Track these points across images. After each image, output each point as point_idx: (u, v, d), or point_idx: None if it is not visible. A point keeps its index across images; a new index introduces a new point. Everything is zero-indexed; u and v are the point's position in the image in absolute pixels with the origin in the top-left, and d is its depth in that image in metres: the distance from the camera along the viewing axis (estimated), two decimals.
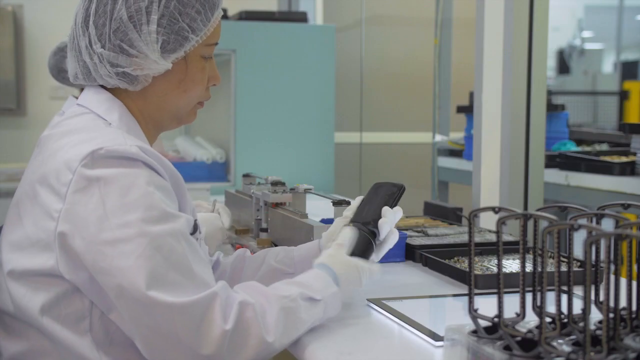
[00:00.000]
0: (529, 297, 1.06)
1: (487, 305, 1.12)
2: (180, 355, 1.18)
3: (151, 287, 1.16)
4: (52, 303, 1.24)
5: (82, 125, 1.33)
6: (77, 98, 1.54)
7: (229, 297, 1.24)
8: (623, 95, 7.00)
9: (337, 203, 1.86)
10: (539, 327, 1.00)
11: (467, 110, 3.81)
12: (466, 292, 1.19)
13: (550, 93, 3.72)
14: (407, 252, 1.94)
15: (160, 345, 1.19)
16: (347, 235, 1.48)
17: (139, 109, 1.40)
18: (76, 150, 1.25)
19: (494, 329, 1.07)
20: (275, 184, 2.15)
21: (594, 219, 1.12)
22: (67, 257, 1.21)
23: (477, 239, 2.04)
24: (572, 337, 1.04)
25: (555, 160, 3.16)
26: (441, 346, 1.24)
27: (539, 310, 1.01)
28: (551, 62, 9.43)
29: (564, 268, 1.12)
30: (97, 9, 1.33)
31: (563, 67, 9.48)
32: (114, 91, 1.39)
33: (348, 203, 1.85)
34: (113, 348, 1.26)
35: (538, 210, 1.09)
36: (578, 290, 1.07)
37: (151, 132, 1.44)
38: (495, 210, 1.09)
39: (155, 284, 1.17)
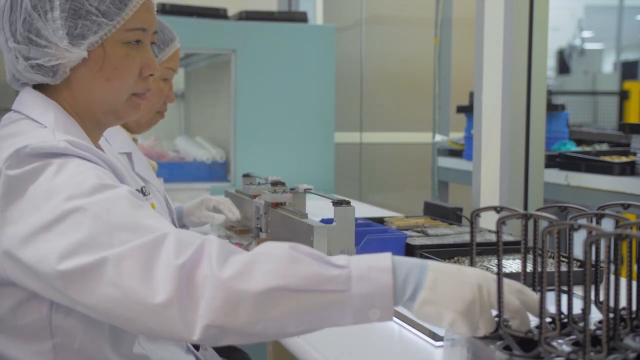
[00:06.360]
0: None
1: None
2: (132, 312, 1.04)
3: (81, 253, 1.05)
4: (8, 315, 1.17)
5: (14, 132, 1.24)
6: None
7: (201, 242, 1.06)
8: (623, 95, 7.00)
9: (337, 203, 1.86)
10: (539, 327, 1.01)
11: (467, 110, 3.81)
12: None
13: (550, 93, 3.72)
14: (407, 252, 1.94)
15: (117, 310, 1.05)
16: None
17: (71, 106, 1.31)
18: (2, 154, 1.16)
19: (494, 329, 1.07)
20: (275, 184, 2.15)
21: (594, 219, 1.12)
22: (13, 263, 1.12)
23: (478, 239, 2.03)
24: (572, 337, 1.05)
25: (555, 160, 3.16)
26: (441, 346, 1.24)
27: (539, 310, 1.01)
28: (551, 62, 9.43)
29: (564, 268, 1.12)
30: (12, 5, 1.28)
31: (563, 67, 9.48)
32: (47, 91, 1.31)
33: (348, 203, 1.85)
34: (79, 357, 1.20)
35: (538, 210, 1.09)
36: (578, 290, 1.07)
37: (91, 132, 1.35)
38: (497, 209, 1.09)
39: (94, 250, 1.05)
